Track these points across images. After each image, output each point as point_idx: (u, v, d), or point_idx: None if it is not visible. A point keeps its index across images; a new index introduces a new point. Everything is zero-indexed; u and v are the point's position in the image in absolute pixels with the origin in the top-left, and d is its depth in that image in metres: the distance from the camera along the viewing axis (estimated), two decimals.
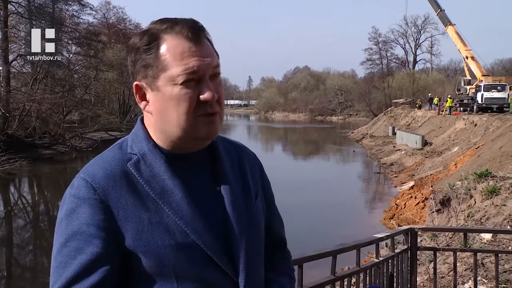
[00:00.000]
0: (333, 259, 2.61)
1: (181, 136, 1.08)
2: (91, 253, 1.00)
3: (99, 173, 1.04)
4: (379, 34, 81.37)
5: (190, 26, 1.06)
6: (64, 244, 1.02)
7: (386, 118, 47.17)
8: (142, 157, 1.08)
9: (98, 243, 1.00)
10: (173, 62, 1.04)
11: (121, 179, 1.04)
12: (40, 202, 19.08)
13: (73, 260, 1.00)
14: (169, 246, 1.03)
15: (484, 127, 22.25)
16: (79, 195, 1.03)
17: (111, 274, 1.01)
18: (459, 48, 38.40)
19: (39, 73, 32.10)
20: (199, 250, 1.05)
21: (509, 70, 69.18)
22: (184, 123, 1.06)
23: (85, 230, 1.00)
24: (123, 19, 62.50)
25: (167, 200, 1.05)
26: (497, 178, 9.14)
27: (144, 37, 1.07)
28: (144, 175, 1.06)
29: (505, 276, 4.88)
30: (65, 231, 1.02)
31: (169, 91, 1.05)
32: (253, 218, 1.17)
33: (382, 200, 17.33)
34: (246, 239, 1.12)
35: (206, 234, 1.06)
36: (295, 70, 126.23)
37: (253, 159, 1.28)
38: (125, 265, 1.04)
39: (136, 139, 1.11)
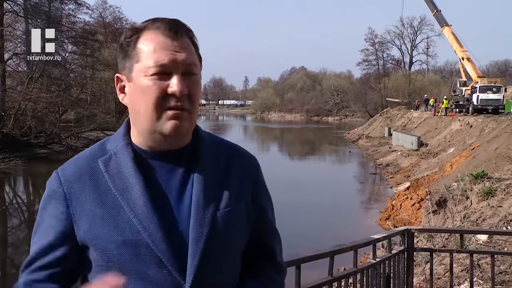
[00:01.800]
0: (330, 259, 2.61)
1: (149, 129, 1.11)
2: (46, 241, 1.10)
3: (69, 168, 1.14)
4: (376, 35, 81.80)
5: (169, 22, 1.10)
6: (36, 226, 1.15)
7: (382, 119, 47.28)
8: (115, 153, 1.13)
9: (53, 233, 1.10)
10: (147, 54, 1.07)
11: (88, 174, 1.11)
12: (36, 202, 18.97)
13: (38, 242, 1.12)
14: (115, 241, 1.06)
15: (480, 129, 22.33)
16: (50, 187, 1.14)
17: (62, 260, 1.10)
18: (455, 49, 38.49)
19: (35, 72, 31.96)
20: (147, 248, 1.06)
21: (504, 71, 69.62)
22: (150, 114, 1.08)
23: (48, 220, 1.12)
24: (120, 18, 62.41)
25: (125, 197, 1.08)
26: (493, 179, 9.17)
27: (127, 32, 1.12)
28: (110, 171, 1.11)
29: (501, 277, 4.89)
30: (39, 215, 1.15)
31: (140, 82, 1.08)
32: (224, 223, 1.13)
33: (378, 201, 17.36)
34: (204, 244, 1.09)
35: (157, 233, 1.06)
36: (292, 70, 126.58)
37: (247, 163, 1.25)
38: (82, 253, 1.12)
39: (115, 137, 1.18)
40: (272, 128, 70.67)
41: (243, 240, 1.20)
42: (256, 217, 1.24)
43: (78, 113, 38.15)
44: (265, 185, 1.30)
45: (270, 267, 1.28)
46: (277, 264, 1.30)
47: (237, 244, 1.19)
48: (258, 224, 1.25)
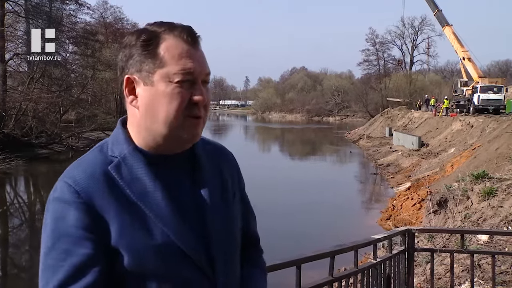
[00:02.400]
0: (331, 260, 2.61)
1: (166, 135, 1.10)
2: (82, 255, 1.01)
3: (81, 176, 1.05)
4: (376, 35, 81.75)
5: (188, 30, 1.11)
6: (52, 247, 1.02)
7: (383, 119, 47.29)
8: (123, 159, 1.09)
9: (89, 245, 1.01)
10: (171, 60, 1.07)
11: (103, 182, 1.05)
12: (37, 202, 19.00)
13: (63, 262, 1.00)
14: (149, 246, 1.05)
15: (481, 129, 22.31)
16: (63, 198, 1.03)
17: (102, 275, 1.02)
18: (456, 49, 38.48)
19: (35, 72, 31.99)
20: (178, 251, 1.07)
21: (505, 71, 69.59)
22: (172, 121, 1.08)
23: (74, 232, 1.01)
24: (120, 18, 62.52)
25: (147, 202, 1.07)
26: (494, 179, 9.16)
27: (142, 34, 1.10)
28: (125, 178, 1.07)
29: (502, 277, 4.89)
30: (52, 234, 1.03)
31: (163, 87, 1.08)
32: (231, 220, 1.20)
33: (379, 201, 17.36)
34: (224, 240, 1.15)
35: (185, 235, 1.09)
36: (292, 70, 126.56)
37: (231, 159, 1.31)
38: (111, 266, 1.05)
39: (116, 142, 1.13)
40: (273, 128, 70.67)
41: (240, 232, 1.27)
42: (245, 208, 1.32)
43: (79, 113, 38.15)
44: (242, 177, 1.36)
45: (258, 252, 1.38)
46: (259, 248, 1.41)
47: (240, 237, 1.26)
48: (246, 214, 1.33)
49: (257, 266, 1.33)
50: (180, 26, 1.11)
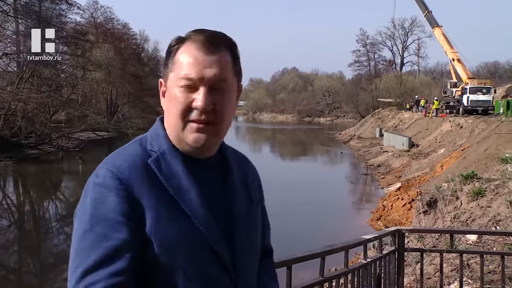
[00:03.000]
0: (321, 260, 2.63)
1: (176, 136, 1.15)
2: (118, 239, 1.03)
3: (123, 165, 1.10)
4: (367, 36, 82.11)
5: (208, 35, 1.14)
6: (89, 229, 1.04)
7: (374, 119, 47.51)
8: (162, 155, 1.14)
9: (125, 230, 1.04)
10: (180, 66, 1.13)
11: (143, 173, 1.10)
12: (26, 203, 18.86)
13: (100, 244, 1.03)
14: (181, 240, 1.08)
15: (470, 129, 22.51)
16: (105, 184, 1.07)
17: (135, 261, 1.05)
18: (446, 50, 38.79)
19: (25, 72, 31.74)
20: (208, 248, 1.11)
21: (493, 73, 70.22)
22: (176, 123, 1.14)
23: (113, 217, 1.04)
24: (111, 18, 62.36)
25: (183, 198, 1.11)
26: (483, 180, 9.24)
27: (172, 41, 1.17)
28: (164, 172, 1.12)
29: (490, 276, 4.94)
30: (91, 218, 1.05)
31: (172, 91, 1.14)
32: (254, 225, 1.25)
33: (369, 201, 17.43)
34: (246, 243, 1.20)
35: (215, 233, 1.13)
36: (283, 71, 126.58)
37: (253, 170, 1.36)
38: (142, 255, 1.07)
39: (156, 137, 1.18)
40: (264, 128, 70.72)
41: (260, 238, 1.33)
42: (263, 218, 1.37)
43: (69, 113, 37.91)
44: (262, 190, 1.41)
45: (271, 263, 1.44)
46: (273, 259, 1.47)
47: (260, 243, 1.31)
48: (264, 224, 1.37)
49: (272, 277, 1.39)
50: (205, 31, 1.15)
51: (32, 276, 10.48)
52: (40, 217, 16.26)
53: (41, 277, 10.19)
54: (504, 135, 15.51)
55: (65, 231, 13.00)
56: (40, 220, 15.70)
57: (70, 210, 14.84)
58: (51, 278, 10.04)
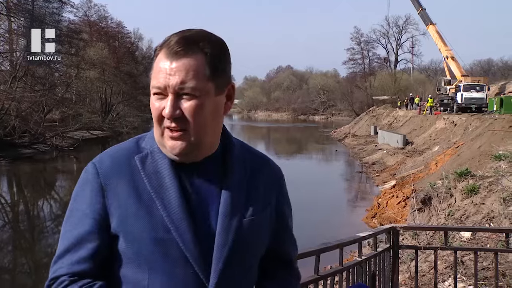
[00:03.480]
0: (316, 258, 2.63)
1: (158, 142, 1.16)
2: (83, 230, 1.12)
3: (107, 160, 1.17)
4: (361, 34, 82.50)
5: (177, 40, 1.11)
6: (67, 218, 1.17)
7: (368, 117, 47.60)
8: (151, 153, 1.17)
9: (90, 222, 1.12)
10: (154, 73, 1.13)
11: (124, 169, 1.15)
12: (20, 202, 18.77)
13: (70, 233, 1.14)
14: (148, 237, 1.10)
15: (464, 127, 22.60)
16: (87, 177, 1.16)
17: (98, 251, 1.12)
18: (440, 48, 38.96)
19: (18, 71, 31.57)
20: (177, 248, 1.10)
21: (487, 70, 70.53)
22: (156, 129, 1.15)
23: (84, 209, 1.14)
24: (105, 17, 62.15)
25: (160, 196, 1.12)
26: (476, 177, 9.29)
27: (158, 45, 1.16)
28: (147, 169, 1.15)
29: (483, 273, 4.97)
30: (71, 206, 1.17)
31: (151, 98, 1.15)
32: (246, 231, 1.18)
33: (364, 199, 17.48)
34: (229, 250, 1.14)
35: (188, 234, 1.11)
36: (278, 69, 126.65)
37: (274, 172, 1.31)
38: (112, 246, 1.14)
39: (152, 136, 1.20)
40: (259, 127, 70.70)
41: (263, 246, 1.27)
42: (279, 225, 1.30)
43: (63, 112, 37.78)
44: (287, 194, 1.36)
45: (287, 271, 1.36)
46: (294, 270, 1.39)
47: (258, 250, 1.25)
48: (280, 231, 1.31)
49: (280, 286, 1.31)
50: (176, 36, 1.12)
51: (27, 276, 10.43)
52: (34, 216, 16.19)
53: (35, 277, 10.15)
54: (497, 133, 15.60)
55: (59, 231, 12.86)
56: (34, 219, 15.62)
57: (64, 209, 14.70)
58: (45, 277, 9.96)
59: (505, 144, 12.95)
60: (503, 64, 75.20)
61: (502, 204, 7.34)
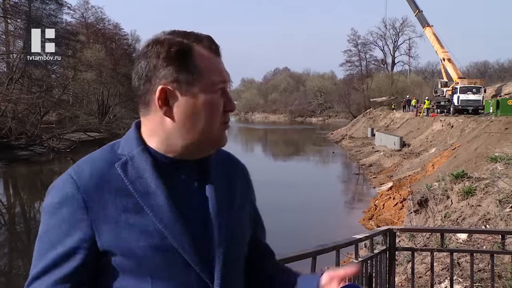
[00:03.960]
0: (313, 260, 2.63)
1: (203, 142, 1.14)
2: (63, 248, 1.05)
3: (85, 172, 1.08)
4: (358, 36, 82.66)
5: (213, 42, 1.15)
6: (44, 233, 1.08)
7: (365, 119, 47.68)
8: (131, 158, 1.11)
9: (71, 240, 1.05)
10: (210, 71, 1.11)
11: (106, 179, 1.07)
12: (16, 204, 18.72)
13: (47, 252, 1.06)
14: (144, 246, 1.06)
15: (460, 129, 22.66)
16: (64, 191, 1.07)
17: (82, 269, 1.06)
18: (437, 50, 39.08)
19: (15, 73, 31.50)
20: (175, 252, 1.07)
21: (483, 72, 70.73)
22: (211, 128, 1.13)
23: (63, 227, 1.05)
24: (102, 19, 61.91)
25: (148, 202, 1.07)
26: (473, 179, 9.32)
27: (172, 45, 1.10)
28: (129, 176, 1.09)
29: (480, 275, 4.99)
30: (47, 222, 1.08)
31: (203, 97, 1.11)
32: (236, 227, 1.19)
33: (361, 201, 17.49)
34: (225, 246, 1.14)
35: (184, 238, 1.08)
36: (275, 71, 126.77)
37: (242, 170, 1.32)
38: (102, 261, 1.07)
39: (128, 141, 1.15)
40: (256, 129, 70.71)
41: (247, 241, 1.27)
42: (256, 216, 1.35)
43: (60, 114, 37.67)
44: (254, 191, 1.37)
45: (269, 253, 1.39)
46: (270, 249, 1.41)
47: (246, 246, 1.26)
48: (257, 226, 1.34)
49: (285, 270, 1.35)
50: (205, 37, 1.15)
51: (23, 279, 10.38)
52: (31, 218, 16.13)
53: None
54: (494, 135, 15.65)
55: None
56: (31, 221, 15.56)
57: None
58: None
59: (501, 146, 12.99)
60: (499, 66, 75.44)
61: (498, 206, 7.36)
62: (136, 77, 1.15)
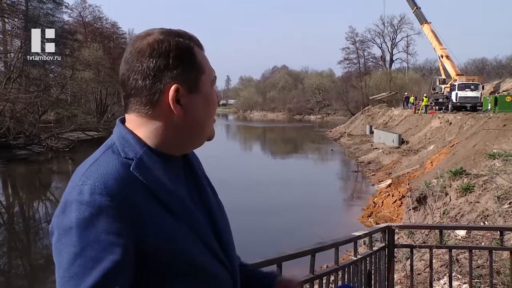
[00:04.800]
0: (312, 257, 2.64)
1: (204, 136, 1.20)
2: (112, 261, 0.97)
3: (109, 179, 1.01)
4: (356, 34, 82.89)
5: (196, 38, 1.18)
6: (79, 254, 0.97)
7: (364, 117, 47.66)
8: (140, 161, 1.08)
9: (119, 251, 0.98)
10: (206, 67, 1.16)
11: (130, 183, 1.03)
12: (15, 204, 18.69)
13: (92, 270, 0.96)
14: (190, 242, 1.09)
15: (459, 126, 22.68)
16: (93, 202, 0.98)
17: (129, 281, 1.01)
18: (435, 47, 39.08)
19: (12, 72, 31.42)
20: (205, 247, 1.12)
21: (481, 69, 70.78)
22: (210, 122, 1.19)
23: (104, 238, 0.97)
24: (100, 18, 61.88)
25: (172, 200, 1.09)
26: (471, 175, 9.34)
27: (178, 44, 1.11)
28: (148, 178, 1.06)
29: (478, 271, 5.00)
30: (79, 241, 0.97)
31: (208, 92, 1.17)
32: (225, 213, 1.27)
33: (360, 198, 17.49)
34: (228, 233, 1.23)
35: (207, 230, 1.15)
36: (273, 69, 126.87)
37: (197, 158, 1.33)
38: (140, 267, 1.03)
39: (127, 143, 1.10)
40: (255, 127, 70.67)
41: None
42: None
43: (58, 113, 37.61)
44: None
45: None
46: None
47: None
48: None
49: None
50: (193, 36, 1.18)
51: (22, 278, 10.39)
52: (29, 218, 16.12)
53: (31, 279, 10.12)
54: (492, 131, 15.67)
55: None
56: (29, 221, 15.55)
57: None
58: (41, 279, 9.96)
59: (500, 143, 13.01)
60: (497, 63, 75.47)
61: (496, 202, 7.37)
62: (139, 76, 1.09)
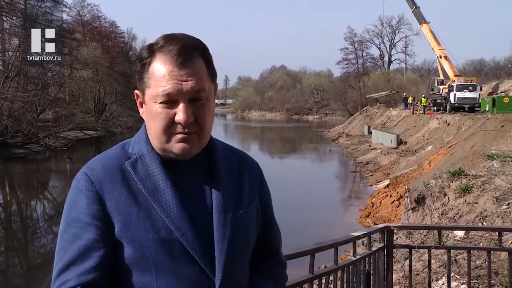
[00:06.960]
0: (311, 257, 2.63)
1: (159, 148, 1.18)
2: (87, 239, 1.11)
3: (98, 168, 1.16)
4: (355, 34, 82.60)
5: (180, 47, 1.12)
6: (64, 230, 1.14)
7: (362, 117, 47.69)
8: (140, 157, 1.18)
9: (93, 230, 1.11)
10: (155, 82, 1.13)
11: (117, 175, 1.15)
12: (13, 202, 18.65)
13: (71, 245, 1.11)
14: (152, 239, 1.11)
15: (457, 126, 22.70)
16: (79, 187, 1.14)
17: (105, 259, 1.11)
18: (433, 47, 39.09)
19: (10, 70, 31.36)
20: (181, 247, 1.12)
21: (479, 70, 70.85)
22: (159, 137, 1.16)
23: (82, 218, 1.12)
24: (98, 16, 61.91)
25: (157, 198, 1.14)
26: (470, 176, 9.34)
27: (144, 51, 1.16)
28: (139, 173, 1.16)
29: (477, 271, 5.00)
30: (66, 219, 1.14)
31: (150, 107, 1.15)
32: (240, 224, 1.22)
33: (358, 199, 17.51)
34: (228, 242, 1.18)
35: (189, 233, 1.13)
36: (272, 69, 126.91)
37: (255, 169, 1.35)
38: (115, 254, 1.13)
39: (138, 141, 1.22)
40: (253, 126, 70.67)
41: (254, 239, 1.31)
42: (266, 218, 1.37)
43: (56, 112, 37.56)
44: (268, 188, 1.41)
45: (275, 263, 1.41)
46: (280, 260, 1.44)
47: (251, 243, 1.29)
48: (267, 224, 1.37)
49: (271, 277, 1.36)
50: (175, 41, 1.13)
51: (19, 277, 10.37)
52: (27, 217, 16.09)
53: (28, 277, 10.10)
54: (490, 132, 15.69)
55: (52, 231, 12.89)
56: (27, 220, 15.53)
57: (58, 210, 14.72)
58: (39, 278, 9.93)
59: (498, 144, 13.02)
60: (495, 64, 75.50)
61: (494, 203, 7.38)
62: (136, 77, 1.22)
